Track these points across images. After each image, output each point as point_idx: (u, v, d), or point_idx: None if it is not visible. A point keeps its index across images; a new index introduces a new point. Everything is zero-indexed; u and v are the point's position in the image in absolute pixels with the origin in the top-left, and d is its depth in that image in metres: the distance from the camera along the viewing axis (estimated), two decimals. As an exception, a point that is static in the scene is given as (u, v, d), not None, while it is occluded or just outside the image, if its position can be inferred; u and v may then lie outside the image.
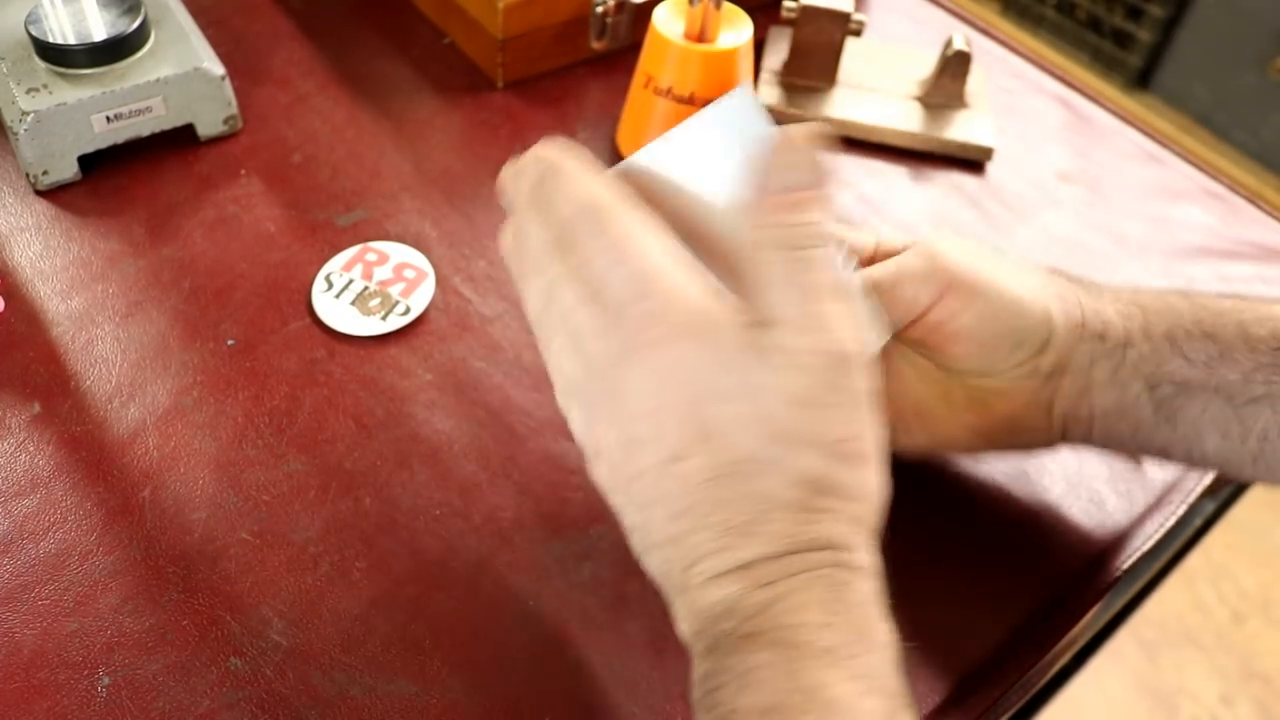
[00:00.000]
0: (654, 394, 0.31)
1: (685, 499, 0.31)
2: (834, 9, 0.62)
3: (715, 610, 0.30)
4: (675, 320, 0.31)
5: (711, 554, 0.31)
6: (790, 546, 0.30)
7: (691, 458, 0.31)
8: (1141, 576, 0.55)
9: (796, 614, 0.29)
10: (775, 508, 0.31)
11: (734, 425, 0.31)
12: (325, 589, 0.40)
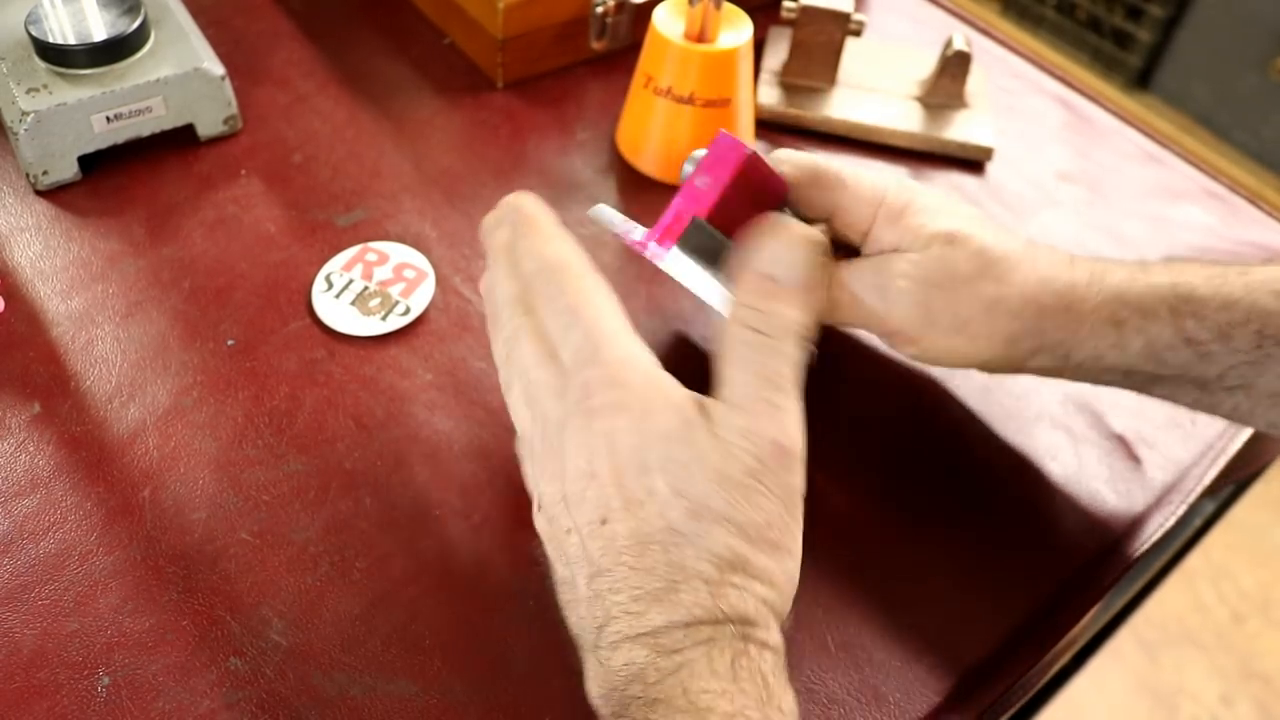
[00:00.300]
0: (590, 457, 0.33)
1: (606, 560, 0.32)
2: (834, 9, 0.62)
3: (623, 674, 0.31)
4: (619, 390, 0.33)
5: (623, 616, 0.31)
6: (699, 617, 0.31)
7: (617, 523, 0.32)
8: (1141, 576, 0.55)
9: (701, 680, 0.30)
10: (689, 578, 0.31)
11: (660, 496, 0.32)
12: (325, 589, 0.40)
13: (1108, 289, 0.40)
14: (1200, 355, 0.40)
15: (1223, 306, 0.39)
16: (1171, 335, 0.40)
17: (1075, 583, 0.43)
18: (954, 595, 0.42)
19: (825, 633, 0.40)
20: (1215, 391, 0.41)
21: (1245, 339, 0.39)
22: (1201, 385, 0.41)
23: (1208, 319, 0.39)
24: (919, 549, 0.43)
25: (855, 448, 0.47)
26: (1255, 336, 0.39)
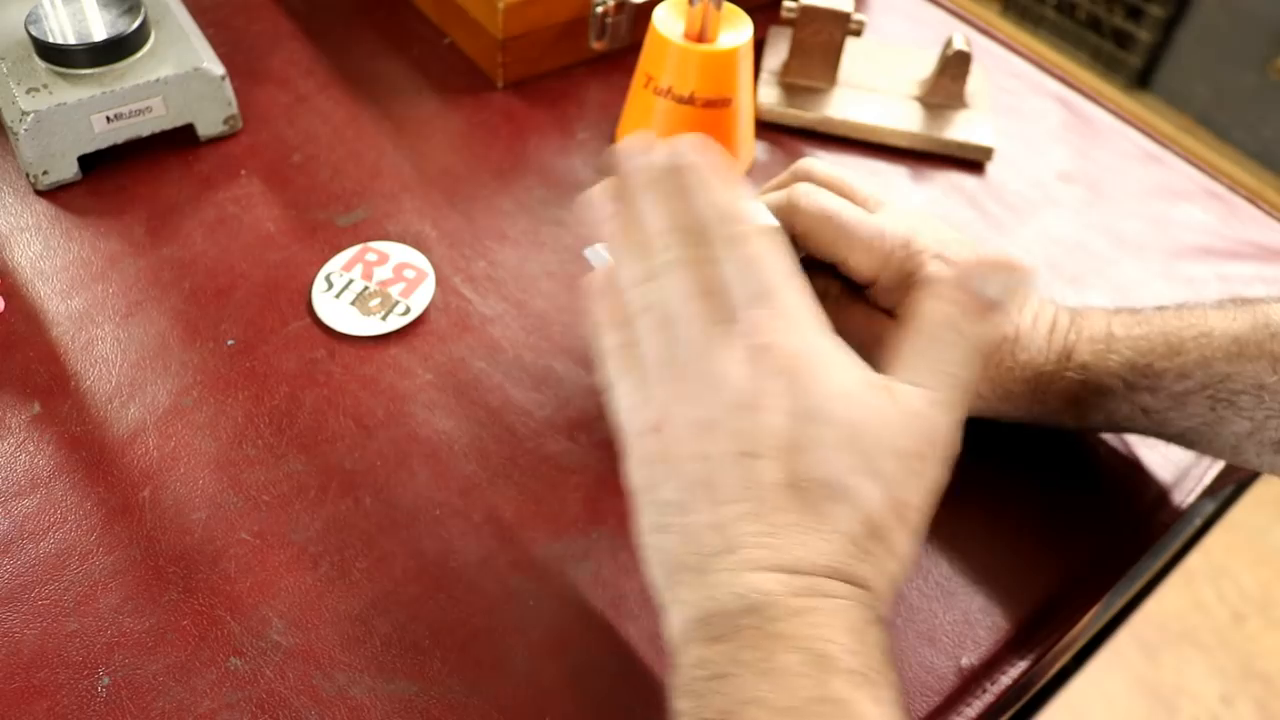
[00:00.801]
0: (755, 391, 0.33)
1: (746, 491, 0.32)
2: (834, 9, 0.62)
3: (742, 601, 0.31)
4: (796, 336, 0.33)
5: (756, 546, 0.31)
6: (836, 572, 0.31)
7: (771, 459, 0.32)
8: (1141, 576, 0.55)
9: (828, 631, 0.30)
10: (836, 533, 0.31)
11: (828, 447, 0.32)
12: (325, 589, 0.40)
13: (1071, 371, 0.42)
14: (1157, 422, 0.42)
15: (1178, 378, 0.41)
16: (1129, 409, 0.42)
17: (1075, 583, 0.43)
18: (953, 595, 0.42)
19: (825, 633, 0.40)
20: (1178, 442, 0.43)
21: (1200, 405, 0.41)
22: (1166, 439, 0.43)
23: (1162, 391, 0.41)
24: (918, 550, 0.43)
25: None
26: (1209, 401, 0.40)
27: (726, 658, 0.30)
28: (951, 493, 0.46)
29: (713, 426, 0.33)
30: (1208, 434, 0.41)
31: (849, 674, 0.29)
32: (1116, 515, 0.46)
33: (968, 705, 0.39)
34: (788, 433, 0.32)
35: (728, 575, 0.31)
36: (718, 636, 0.30)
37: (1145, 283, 0.57)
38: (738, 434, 0.32)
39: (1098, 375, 0.42)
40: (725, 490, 0.32)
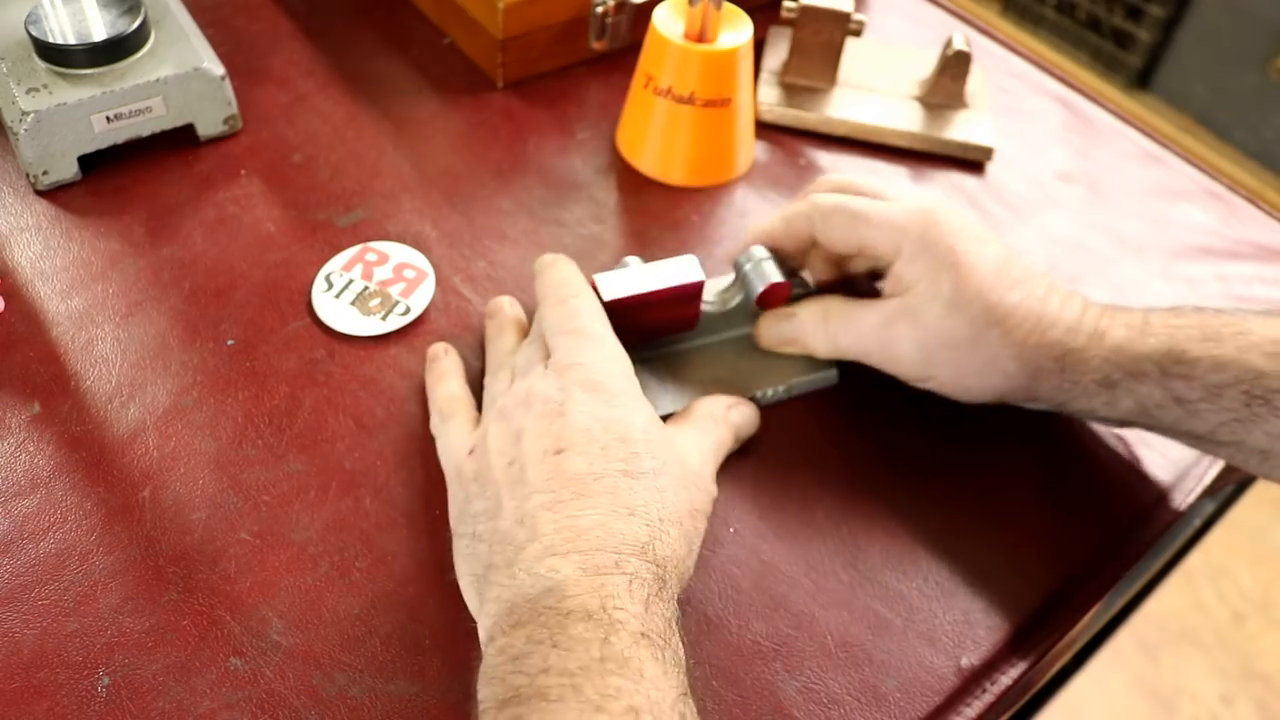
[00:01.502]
0: (561, 400, 0.38)
1: (549, 482, 0.35)
2: (834, 9, 0.62)
3: (541, 583, 0.33)
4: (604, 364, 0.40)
5: (555, 533, 0.34)
6: (630, 548, 0.34)
7: (575, 454, 0.36)
8: (1141, 576, 0.55)
9: (616, 600, 0.32)
10: (634, 515, 0.35)
11: (631, 444, 0.37)
12: (325, 589, 0.40)
13: (1103, 352, 0.42)
14: (1190, 413, 0.41)
15: (1213, 368, 0.40)
16: (1161, 396, 0.41)
17: (1075, 583, 0.43)
18: (953, 595, 0.42)
19: (825, 633, 0.40)
20: (1206, 444, 0.42)
21: (1234, 399, 0.40)
22: (1194, 439, 0.42)
23: (1196, 380, 0.40)
24: (918, 550, 0.43)
25: (849, 453, 0.47)
26: (1244, 396, 0.40)
27: (524, 638, 0.32)
28: (952, 493, 0.46)
29: (521, 434, 0.37)
30: (1240, 432, 0.40)
31: (633, 635, 0.31)
32: (1116, 515, 0.46)
33: (968, 705, 0.39)
34: (594, 430, 0.37)
35: (529, 563, 0.34)
36: (518, 622, 0.32)
37: (1145, 283, 0.57)
38: (544, 435, 0.37)
39: (1132, 358, 0.41)
40: (531, 484, 0.36)
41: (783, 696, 0.38)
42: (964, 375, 0.43)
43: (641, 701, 0.30)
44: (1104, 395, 0.42)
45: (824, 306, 0.47)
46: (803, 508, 0.44)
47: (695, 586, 0.41)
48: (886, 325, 0.44)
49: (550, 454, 0.36)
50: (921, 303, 0.43)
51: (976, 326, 0.42)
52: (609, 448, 0.36)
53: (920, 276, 0.43)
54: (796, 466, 0.46)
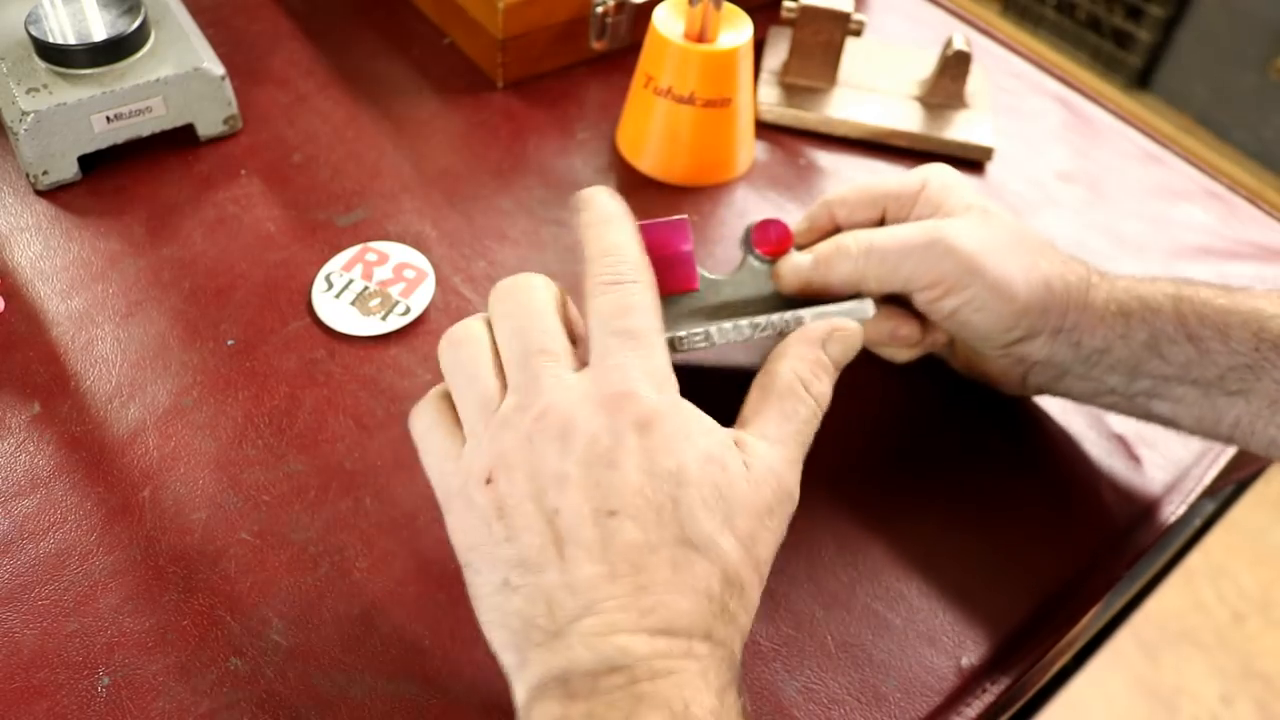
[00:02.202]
0: (611, 446, 0.32)
1: (605, 553, 0.31)
2: (834, 9, 0.62)
3: (606, 662, 0.30)
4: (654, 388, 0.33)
5: (620, 609, 0.30)
6: (698, 632, 0.31)
7: (629, 519, 0.31)
8: (1141, 576, 0.55)
9: (690, 691, 0.30)
10: (695, 591, 0.31)
11: (688, 507, 0.32)
12: (325, 589, 0.40)
13: (1120, 284, 0.43)
14: (1201, 352, 0.41)
15: (1224, 309, 0.41)
16: (1174, 329, 0.41)
17: (1075, 583, 0.43)
18: (954, 596, 0.42)
19: (825, 633, 0.40)
20: (1216, 398, 0.41)
21: (1244, 340, 0.40)
22: (1203, 389, 0.41)
23: (1209, 318, 0.41)
24: (919, 550, 0.43)
25: (853, 452, 0.47)
26: (1253, 339, 0.40)
27: (585, 714, 0.29)
28: (951, 493, 0.46)
29: (565, 482, 0.32)
30: (1249, 379, 0.40)
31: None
32: (1116, 515, 0.46)
33: (968, 705, 0.39)
34: (647, 491, 0.31)
35: (589, 638, 0.30)
36: (576, 694, 0.30)
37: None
38: (594, 491, 0.31)
39: (1146, 291, 0.42)
40: (580, 549, 0.31)
41: (783, 696, 0.38)
42: (1010, 276, 0.41)
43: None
44: (1120, 326, 0.42)
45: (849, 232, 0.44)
46: (803, 508, 0.44)
47: (695, 586, 0.41)
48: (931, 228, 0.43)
49: (602, 515, 0.31)
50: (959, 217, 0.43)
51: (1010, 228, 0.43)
52: (663, 511, 0.31)
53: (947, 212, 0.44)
54: (796, 466, 0.46)
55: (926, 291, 0.42)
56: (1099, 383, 0.43)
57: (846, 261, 0.43)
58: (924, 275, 0.42)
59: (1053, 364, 0.43)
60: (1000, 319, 0.42)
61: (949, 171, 0.46)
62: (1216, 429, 0.42)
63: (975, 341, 0.44)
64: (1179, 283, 0.43)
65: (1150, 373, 0.42)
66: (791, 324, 0.42)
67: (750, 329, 0.42)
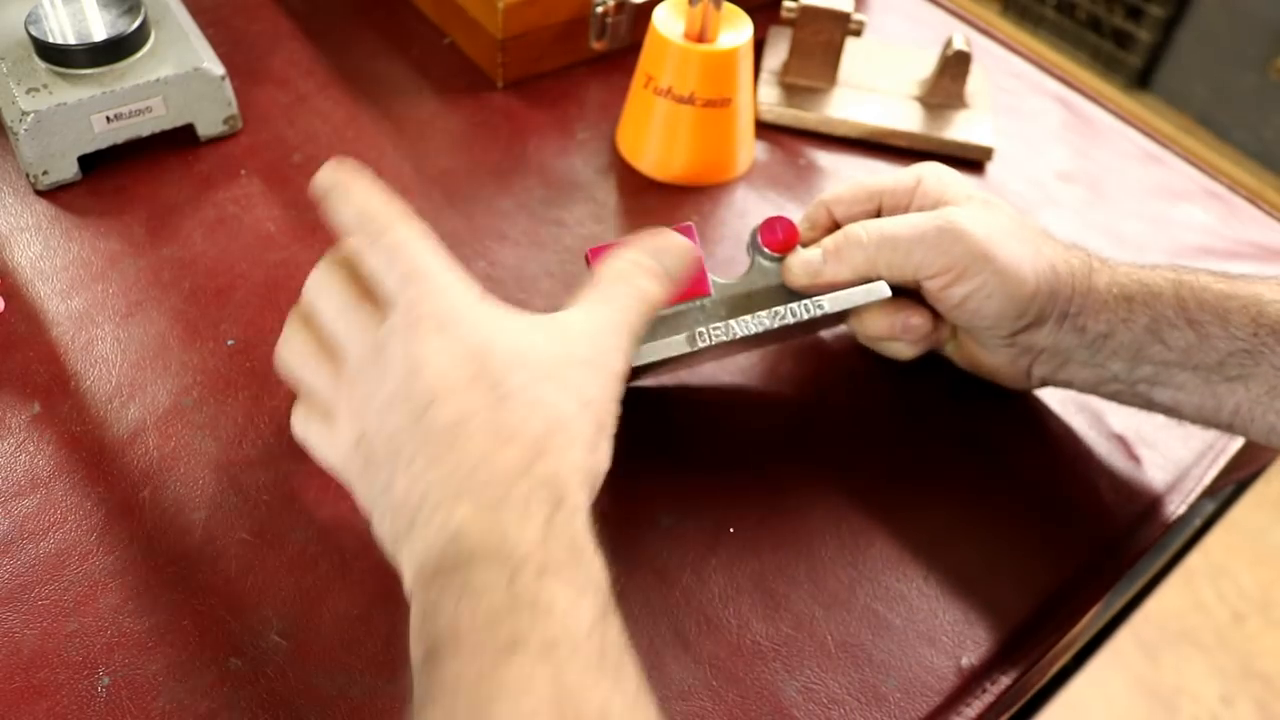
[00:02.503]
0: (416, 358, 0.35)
1: (426, 441, 0.33)
2: (834, 9, 0.62)
3: (443, 535, 0.32)
4: (447, 299, 0.36)
5: (443, 483, 0.33)
6: (522, 476, 0.32)
7: (443, 401, 0.34)
8: (1141, 576, 0.55)
9: (514, 534, 0.31)
10: (514, 438, 0.33)
11: (499, 371, 0.34)
12: (325, 589, 0.40)
13: (1120, 269, 0.44)
14: (1200, 337, 0.41)
15: (1223, 294, 0.42)
16: (1174, 314, 0.42)
17: (1075, 583, 0.43)
18: (954, 595, 0.42)
19: (825, 633, 0.40)
20: (1216, 384, 0.42)
21: (1243, 324, 0.41)
22: (1203, 376, 0.42)
23: (1208, 303, 0.42)
24: (918, 550, 0.43)
25: (853, 452, 0.47)
26: (1252, 324, 0.41)
27: (437, 590, 0.31)
28: (952, 493, 0.46)
29: (392, 402, 0.34)
30: (1249, 364, 0.41)
31: (537, 567, 0.30)
32: (1116, 515, 0.46)
33: (968, 705, 0.39)
34: (456, 371, 0.34)
35: (428, 518, 0.32)
36: (429, 578, 0.32)
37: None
38: (411, 396, 0.34)
39: (1147, 277, 0.43)
40: (411, 448, 0.34)
41: (783, 696, 0.38)
42: (1019, 261, 0.42)
43: (556, 636, 0.29)
44: (1123, 310, 0.42)
45: (859, 223, 0.45)
46: (803, 508, 0.44)
47: (695, 586, 0.41)
48: (941, 215, 0.43)
49: (421, 414, 0.34)
50: (961, 206, 0.44)
51: (1012, 216, 0.44)
52: (474, 383, 0.34)
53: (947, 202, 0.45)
54: (796, 466, 0.46)
55: (938, 279, 0.43)
56: (1102, 369, 0.43)
57: (858, 250, 0.43)
58: (935, 262, 0.42)
59: (1058, 351, 0.44)
60: (1010, 304, 0.42)
61: (942, 167, 0.46)
62: (1217, 416, 0.42)
63: (983, 331, 0.44)
64: (1179, 269, 0.43)
65: (1152, 359, 0.42)
66: (811, 310, 0.43)
67: (771, 319, 0.42)
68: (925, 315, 0.45)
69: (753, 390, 0.49)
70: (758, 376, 0.49)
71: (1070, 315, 0.43)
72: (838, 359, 0.50)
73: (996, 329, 0.43)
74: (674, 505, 0.44)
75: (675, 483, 0.44)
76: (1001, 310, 0.42)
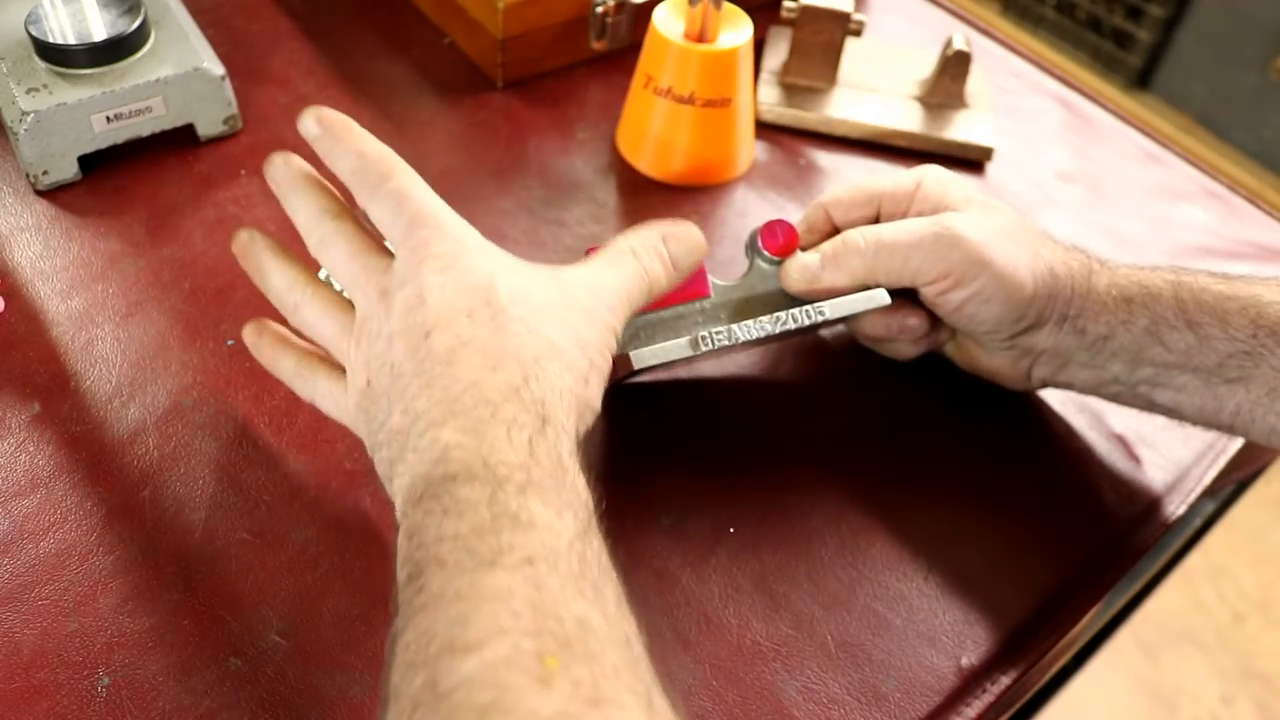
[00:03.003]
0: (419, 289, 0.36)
1: (421, 366, 0.34)
2: (834, 9, 0.62)
3: (429, 457, 0.32)
4: (454, 243, 0.37)
5: (433, 406, 0.33)
6: (505, 395, 0.33)
7: (442, 330, 0.34)
8: (1141, 576, 0.55)
9: (500, 453, 0.32)
10: (506, 360, 0.34)
11: (495, 306, 0.35)
12: (325, 589, 0.40)
13: (1120, 270, 0.44)
14: (1200, 339, 0.41)
15: (1222, 296, 0.42)
16: (1174, 315, 0.42)
17: (1075, 583, 0.43)
18: (954, 596, 0.42)
19: (825, 633, 0.40)
20: (1216, 385, 0.42)
21: (1242, 326, 0.41)
22: (1203, 377, 0.42)
23: (1207, 304, 0.41)
24: (918, 550, 0.43)
25: (853, 452, 0.47)
26: (1251, 325, 0.41)
27: (422, 512, 0.31)
28: (952, 493, 0.46)
29: (395, 336, 0.35)
30: (1248, 366, 0.41)
31: (519, 485, 0.31)
32: (1116, 515, 0.46)
33: (968, 705, 0.39)
34: (458, 302, 0.35)
35: (416, 441, 0.33)
36: (416, 500, 0.32)
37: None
38: (413, 327, 0.35)
39: (1146, 279, 0.43)
40: (407, 377, 0.34)
41: (783, 696, 0.38)
42: (1016, 265, 0.42)
43: (535, 550, 0.29)
44: (1122, 311, 0.42)
45: (856, 229, 0.45)
46: (803, 508, 0.44)
47: (695, 586, 0.41)
48: (938, 221, 0.43)
49: (421, 342, 0.35)
50: (961, 211, 0.44)
51: (1011, 219, 0.44)
52: (475, 312, 0.35)
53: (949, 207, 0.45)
54: (797, 466, 0.46)
55: (936, 284, 0.43)
56: (1102, 371, 0.44)
57: (856, 257, 0.43)
58: (933, 268, 0.42)
59: (1058, 353, 0.44)
60: (1009, 308, 0.42)
61: (942, 171, 0.46)
62: (1218, 418, 0.42)
63: (982, 334, 0.44)
64: (1178, 270, 0.43)
65: (1152, 360, 0.42)
66: (813, 316, 0.43)
67: (772, 324, 0.42)
68: (922, 316, 0.45)
69: (753, 390, 0.49)
70: (758, 376, 0.49)
71: (1070, 317, 0.43)
72: (838, 359, 0.50)
73: (996, 332, 0.43)
74: (674, 505, 0.44)
75: (675, 483, 0.44)
76: (1000, 315, 0.42)
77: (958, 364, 0.49)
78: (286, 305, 0.40)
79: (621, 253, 0.40)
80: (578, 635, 0.28)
